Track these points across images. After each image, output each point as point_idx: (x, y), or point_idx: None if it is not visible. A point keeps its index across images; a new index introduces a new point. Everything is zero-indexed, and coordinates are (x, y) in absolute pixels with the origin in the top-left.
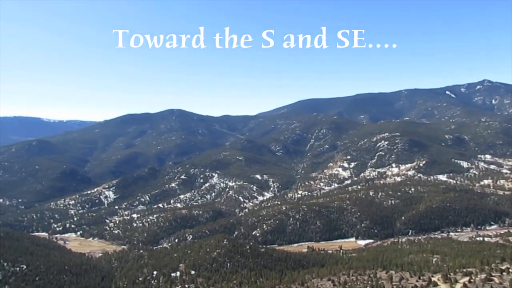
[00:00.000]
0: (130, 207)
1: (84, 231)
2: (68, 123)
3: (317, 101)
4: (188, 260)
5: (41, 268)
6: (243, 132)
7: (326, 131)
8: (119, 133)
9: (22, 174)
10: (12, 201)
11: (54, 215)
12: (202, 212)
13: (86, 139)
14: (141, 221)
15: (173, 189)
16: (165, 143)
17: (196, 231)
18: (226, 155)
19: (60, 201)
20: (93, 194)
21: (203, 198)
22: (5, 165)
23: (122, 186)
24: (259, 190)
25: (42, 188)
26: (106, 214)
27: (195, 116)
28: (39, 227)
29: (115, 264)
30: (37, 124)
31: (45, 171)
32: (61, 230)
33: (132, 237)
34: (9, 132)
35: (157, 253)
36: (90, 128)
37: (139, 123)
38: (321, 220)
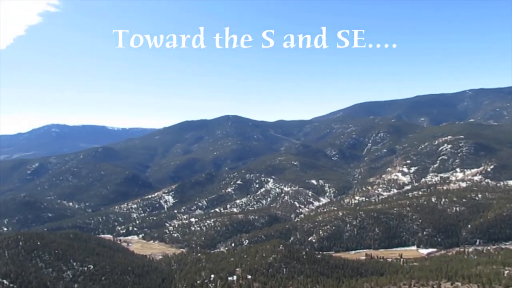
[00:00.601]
0: (188, 211)
1: (145, 234)
2: (130, 130)
3: (373, 104)
4: (245, 264)
5: (106, 268)
6: (298, 137)
7: (384, 134)
8: (177, 139)
9: (89, 179)
10: (81, 204)
11: (118, 218)
12: (258, 217)
13: (147, 146)
14: (199, 225)
15: (229, 194)
16: (221, 149)
17: (252, 236)
18: (281, 160)
19: (123, 205)
20: (153, 198)
21: (258, 203)
22: (74, 171)
23: (181, 191)
24: (314, 196)
25: (107, 193)
26: (166, 218)
27: (250, 121)
28: (104, 230)
29: (175, 267)
30: (102, 132)
31: (110, 176)
32: (124, 233)
33: (190, 241)
34: (78, 140)
35: (215, 257)
36: (151, 135)
37: (196, 129)
38: (380, 227)
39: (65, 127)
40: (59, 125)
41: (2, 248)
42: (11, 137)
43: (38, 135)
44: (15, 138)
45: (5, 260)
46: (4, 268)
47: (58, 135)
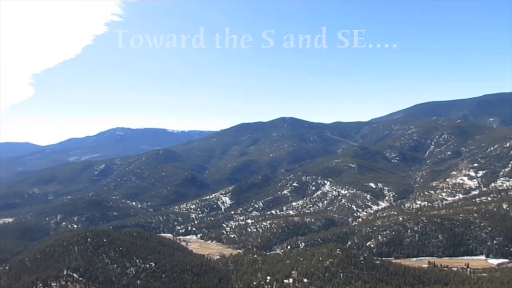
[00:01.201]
0: (245, 213)
1: (203, 234)
2: (189, 133)
3: (436, 104)
4: (301, 267)
5: (166, 266)
6: (355, 139)
7: (448, 136)
8: (234, 141)
9: (151, 180)
10: (143, 204)
11: (178, 218)
12: (314, 220)
13: (205, 148)
14: (255, 227)
15: (285, 196)
16: (277, 151)
17: (308, 239)
18: (338, 163)
19: (182, 205)
20: (211, 199)
21: (315, 206)
22: (137, 172)
23: (238, 192)
24: (373, 199)
25: (167, 193)
26: (223, 219)
27: (306, 123)
28: (165, 229)
29: (231, 267)
30: (163, 135)
31: (170, 177)
32: (183, 232)
33: (247, 242)
34: (140, 142)
35: (271, 259)
36: (208, 137)
37: (252, 131)
38: (444, 234)
39: (129, 130)
40: (123, 128)
41: (72, 244)
42: (80, 140)
43: (104, 138)
44: (84, 141)
45: (75, 255)
46: (74, 262)
47: (123, 137)
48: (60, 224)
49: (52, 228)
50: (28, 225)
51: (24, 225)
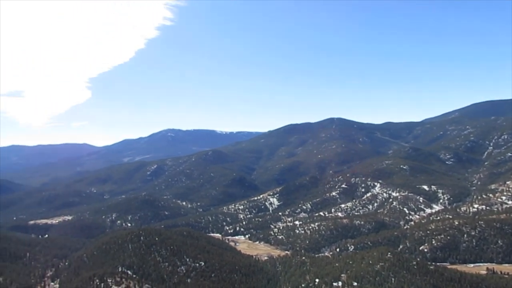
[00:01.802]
0: (293, 214)
1: (251, 235)
2: (237, 134)
3: (495, 103)
4: (350, 271)
5: (215, 266)
6: (407, 140)
7: (509, 136)
8: (282, 142)
9: (200, 181)
10: (193, 204)
11: (226, 218)
12: (364, 223)
13: (253, 149)
14: (303, 228)
15: (333, 198)
16: (325, 152)
17: (358, 242)
18: (389, 164)
19: (231, 205)
20: (259, 200)
21: (364, 208)
22: (187, 173)
23: (285, 193)
24: (426, 202)
25: (216, 194)
26: (271, 220)
27: (355, 124)
28: (214, 229)
29: (279, 268)
30: (212, 136)
31: (219, 178)
32: (232, 233)
33: (295, 243)
34: (190, 144)
35: (319, 261)
36: (256, 138)
37: (300, 132)
38: (504, 239)
39: (180, 132)
40: (174, 129)
41: (127, 242)
42: (134, 141)
43: (156, 139)
44: (137, 142)
45: (129, 253)
46: (128, 260)
47: (174, 139)
48: (115, 222)
49: (107, 226)
50: (86, 223)
51: (82, 223)
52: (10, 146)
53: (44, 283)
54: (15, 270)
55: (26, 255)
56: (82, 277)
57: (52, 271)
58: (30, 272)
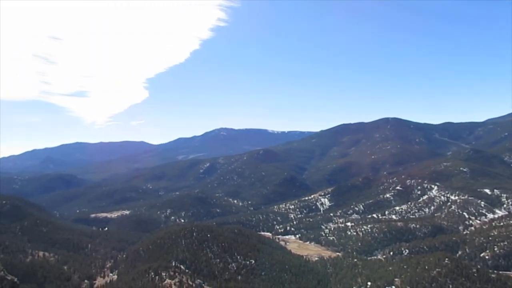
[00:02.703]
0: (345, 215)
1: (302, 235)
2: (289, 133)
3: None
4: (404, 275)
5: (266, 264)
6: (468, 141)
7: None
8: (334, 142)
9: (252, 179)
10: (244, 202)
11: (277, 218)
12: (420, 226)
13: (304, 149)
14: (355, 230)
15: (387, 200)
16: (379, 153)
17: (413, 246)
18: (448, 166)
19: (282, 205)
20: (310, 200)
21: (420, 211)
22: (238, 171)
23: (337, 194)
24: (488, 207)
25: (267, 193)
26: (321, 220)
27: (411, 124)
28: (264, 227)
29: (330, 270)
30: (263, 135)
31: (270, 177)
32: (282, 232)
33: (346, 245)
34: (242, 142)
35: (371, 264)
36: (308, 138)
37: (353, 132)
38: None
39: (232, 131)
40: (227, 128)
41: (180, 237)
42: (188, 140)
43: (209, 138)
44: (191, 140)
45: (182, 248)
46: (181, 255)
47: (226, 138)
48: (169, 218)
49: (162, 221)
50: (142, 218)
51: (138, 218)
52: (74, 143)
53: (103, 274)
54: (77, 260)
55: (88, 246)
56: (138, 270)
57: (111, 262)
58: (91, 263)
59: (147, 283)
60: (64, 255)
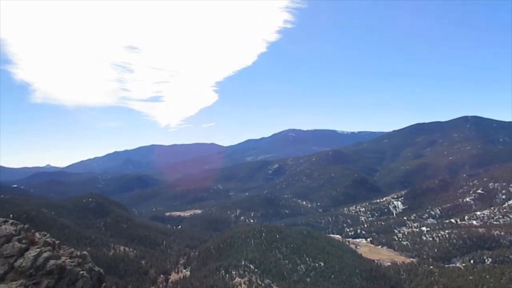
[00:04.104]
0: (419, 219)
1: (373, 238)
2: (359, 134)
3: None
4: (487, 286)
5: (335, 267)
6: None
7: None
8: (407, 143)
9: (320, 181)
10: (313, 204)
11: (347, 220)
12: (505, 233)
13: (375, 149)
14: (431, 235)
15: (467, 204)
16: (458, 153)
17: (497, 255)
18: None
19: (351, 207)
20: (381, 203)
21: (505, 217)
22: (307, 172)
23: (411, 197)
24: None
25: (336, 194)
26: (394, 224)
27: (494, 122)
28: (333, 230)
29: (404, 276)
30: (332, 136)
31: (339, 178)
32: (352, 235)
33: (421, 251)
34: (310, 143)
35: (449, 272)
36: (379, 138)
37: (428, 132)
38: None
39: (300, 132)
40: (295, 130)
41: (249, 237)
42: (256, 141)
43: (277, 139)
44: (259, 142)
45: (251, 248)
46: (251, 254)
47: (294, 139)
48: (239, 217)
49: (232, 221)
50: (213, 217)
51: (210, 217)
52: (150, 145)
53: (177, 269)
54: (154, 256)
55: (163, 243)
56: (209, 267)
57: (184, 259)
58: (166, 259)
59: (218, 280)
60: (142, 250)
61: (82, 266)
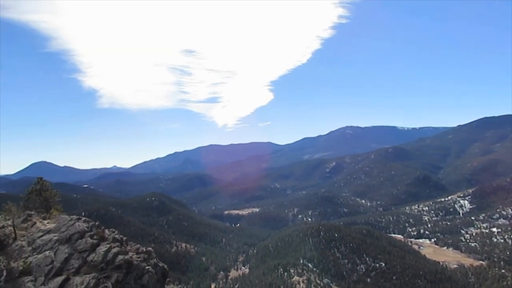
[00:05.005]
0: (489, 220)
1: (438, 239)
2: (421, 130)
3: None
4: None
5: (397, 269)
6: None
7: None
8: (474, 138)
9: (380, 179)
10: (372, 202)
11: (409, 220)
12: None
13: (439, 146)
14: (502, 237)
15: None
16: None
17: None
18: None
19: (414, 206)
20: (446, 202)
21: None
22: (366, 170)
23: (479, 195)
24: None
25: (397, 193)
26: (461, 224)
27: None
28: (395, 229)
29: (472, 279)
30: (392, 132)
31: (400, 176)
32: (415, 235)
33: (491, 253)
34: (369, 140)
35: None
36: (443, 134)
37: (498, 126)
38: None
39: (358, 129)
40: (353, 127)
41: (307, 236)
42: (313, 139)
43: (334, 137)
44: (316, 140)
45: (310, 247)
46: (309, 253)
47: (352, 136)
48: (297, 216)
49: (290, 219)
50: (271, 215)
51: (267, 215)
52: (209, 145)
53: (237, 267)
54: (214, 253)
55: (222, 241)
56: (268, 265)
57: (243, 256)
58: (226, 256)
59: (276, 278)
60: (202, 247)
61: (148, 261)
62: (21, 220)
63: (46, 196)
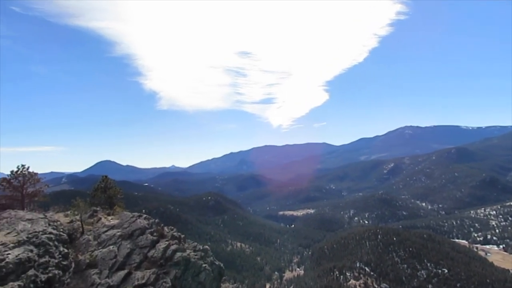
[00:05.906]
0: None
1: (507, 245)
2: (487, 129)
3: None
4: None
5: (461, 276)
6: None
7: None
8: None
9: (442, 181)
10: (433, 205)
11: (474, 224)
12: None
13: (507, 146)
14: None
15: None
16: None
17: None
18: None
19: (479, 210)
20: None
21: None
22: (426, 172)
23: None
24: None
25: (461, 196)
26: None
27: None
28: (458, 234)
29: None
30: (455, 132)
31: (464, 178)
32: (481, 241)
33: None
34: (430, 141)
35: None
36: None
37: None
38: None
39: (418, 129)
40: (412, 126)
41: (364, 239)
42: (370, 140)
43: (392, 137)
44: (373, 140)
45: (366, 250)
46: (366, 257)
47: (411, 136)
48: (353, 218)
49: (345, 221)
50: (326, 217)
51: (322, 217)
52: (263, 146)
53: (291, 268)
54: (268, 253)
55: (277, 241)
56: (323, 267)
57: (298, 257)
58: (280, 256)
59: (332, 281)
60: (257, 247)
61: (205, 259)
62: (88, 215)
63: (110, 193)
